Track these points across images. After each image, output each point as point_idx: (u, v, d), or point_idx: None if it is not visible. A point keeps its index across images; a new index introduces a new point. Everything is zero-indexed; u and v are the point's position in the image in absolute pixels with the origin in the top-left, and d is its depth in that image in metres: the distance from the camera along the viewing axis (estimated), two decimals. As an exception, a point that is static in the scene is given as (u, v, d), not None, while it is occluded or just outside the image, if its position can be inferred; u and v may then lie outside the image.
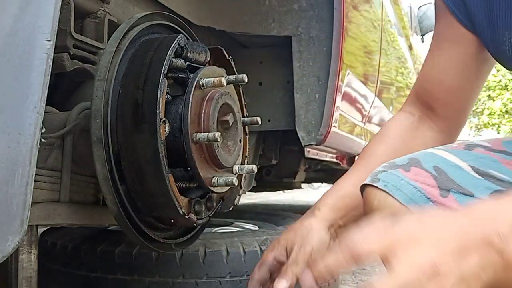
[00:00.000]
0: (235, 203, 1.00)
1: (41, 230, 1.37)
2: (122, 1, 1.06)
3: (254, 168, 0.91)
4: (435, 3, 0.88)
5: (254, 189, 3.46)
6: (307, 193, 7.62)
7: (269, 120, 1.60)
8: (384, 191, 0.72)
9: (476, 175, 0.70)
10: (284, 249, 0.81)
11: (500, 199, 0.52)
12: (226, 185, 0.85)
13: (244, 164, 0.97)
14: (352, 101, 1.78)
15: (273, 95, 1.58)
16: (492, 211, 0.49)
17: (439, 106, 0.90)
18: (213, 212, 0.92)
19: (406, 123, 0.93)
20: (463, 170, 0.70)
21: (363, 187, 0.76)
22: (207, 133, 0.78)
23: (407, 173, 0.72)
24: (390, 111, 2.68)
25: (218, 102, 0.83)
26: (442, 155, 0.73)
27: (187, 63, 0.83)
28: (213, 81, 0.81)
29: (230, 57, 0.96)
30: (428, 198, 0.70)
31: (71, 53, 0.87)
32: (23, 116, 0.44)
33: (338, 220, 0.87)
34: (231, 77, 0.88)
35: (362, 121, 2.06)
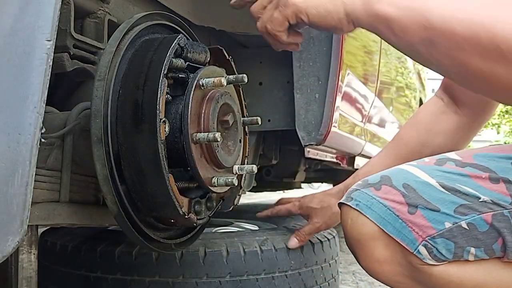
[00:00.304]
0: (235, 203, 1.00)
1: (41, 230, 1.37)
2: (122, 1, 1.06)
3: (254, 168, 0.91)
4: None
5: (254, 189, 3.46)
6: (307, 193, 7.61)
7: (269, 120, 1.59)
8: (357, 210, 0.77)
9: (443, 190, 0.73)
10: (308, 213, 1.21)
11: None
12: (226, 185, 0.85)
13: (244, 164, 0.97)
14: (352, 101, 1.78)
15: (273, 95, 1.58)
16: None
17: (460, 93, 0.98)
18: (213, 212, 0.92)
19: (433, 108, 1.04)
20: (431, 186, 0.74)
21: (340, 205, 0.82)
22: (207, 133, 0.78)
23: (377, 191, 0.77)
24: (390, 111, 2.68)
25: (218, 102, 0.83)
26: (413, 172, 0.76)
27: (187, 63, 0.83)
28: (213, 81, 0.81)
29: (230, 57, 0.96)
30: (397, 216, 0.74)
31: (71, 53, 0.87)
32: (23, 116, 0.44)
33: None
34: (231, 77, 0.88)
35: (362, 121, 2.06)
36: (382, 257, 0.77)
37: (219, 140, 0.77)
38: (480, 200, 0.72)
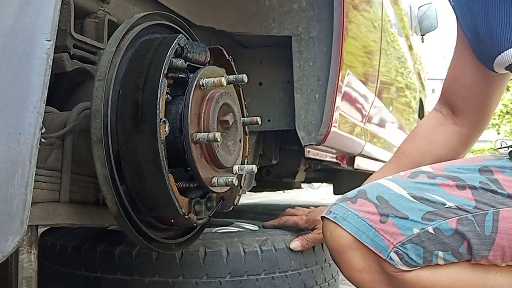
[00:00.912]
0: (235, 203, 1.00)
1: (41, 230, 1.37)
2: (122, 1, 1.06)
3: (254, 168, 0.91)
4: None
5: (254, 189, 3.46)
6: (307, 193, 7.62)
7: (269, 120, 1.60)
8: (334, 222, 0.84)
9: (412, 199, 0.79)
10: (313, 224, 1.21)
11: None
12: (226, 185, 0.85)
13: (244, 164, 0.97)
14: (352, 101, 1.78)
15: (273, 95, 1.58)
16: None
17: (459, 102, 1.01)
18: (213, 212, 0.92)
19: (433, 121, 1.06)
20: (402, 197, 0.80)
21: (322, 218, 0.89)
22: (207, 133, 0.78)
23: (353, 204, 0.83)
24: (390, 111, 2.68)
25: (218, 102, 0.83)
26: (387, 185, 0.83)
27: (187, 63, 0.83)
28: (213, 81, 0.81)
29: (230, 57, 0.96)
30: (370, 225, 0.80)
31: (71, 53, 0.87)
32: (23, 116, 0.44)
33: None
34: (231, 77, 0.88)
35: (362, 121, 2.06)
36: (361, 266, 0.82)
37: (219, 140, 0.77)
38: (445, 206, 0.77)
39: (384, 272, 0.81)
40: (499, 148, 0.86)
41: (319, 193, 7.40)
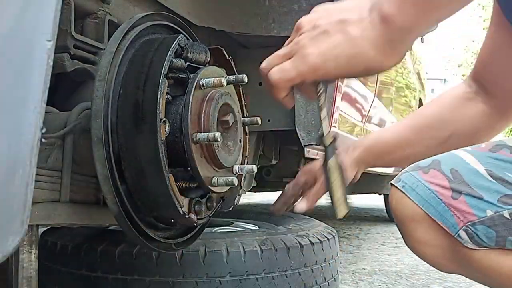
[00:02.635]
0: (235, 203, 1.00)
1: (41, 230, 1.37)
2: (122, 1, 1.06)
3: (254, 168, 0.91)
4: None
5: (254, 189, 3.45)
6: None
7: (269, 120, 1.60)
8: (402, 191, 0.78)
9: (490, 178, 0.73)
10: (313, 177, 0.99)
11: None
12: (226, 185, 0.85)
13: (244, 164, 0.97)
14: (351, 101, 1.78)
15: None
16: None
17: (491, 84, 0.94)
18: (213, 212, 0.92)
19: (460, 92, 0.97)
20: (479, 173, 0.74)
21: (390, 185, 0.83)
22: (207, 133, 0.78)
23: (425, 175, 0.78)
24: (390, 111, 2.68)
25: (218, 102, 0.83)
26: (464, 158, 0.77)
27: (187, 63, 0.83)
28: (213, 81, 0.81)
29: (230, 57, 0.96)
30: (440, 199, 0.75)
31: (72, 53, 0.87)
32: (24, 116, 0.44)
33: (369, 160, 0.99)
34: (231, 77, 0.88)
35: (362, 121, 2.06)
36: (423, 239, 0.79)
37: (219, 140, 0.77)
38: None
39: (449, 247, 0.77)
40: None
41: (319, 193, 7.37)
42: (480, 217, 0.72)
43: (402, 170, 0.83)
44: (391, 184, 0.83)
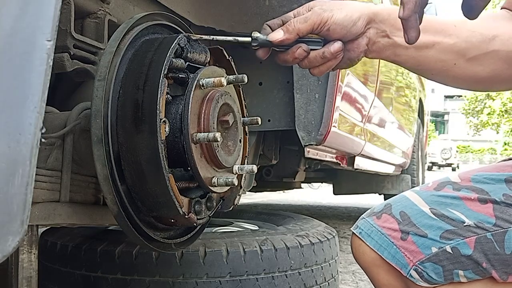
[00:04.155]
0: (235, 203, 1.00)
1: (41, 230, 1.37)
2: (122, 1, 1.06)
3: (254, 168, 0.91)
4: None
5: (254, 189, 3.46)
6: (307, 193, 7.62)
7: (269, 120, 1.60)
8: (359, 238, 0.83)
9: (433, 216, 0.78)
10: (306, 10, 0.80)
11: None
12: (226, 185, 0.85)
13: (244, 164, 0.97)
14: (352, 101, 1.78)
15: (273, 95, 1.58)
16: None
17: None
18: (213, 212, 0.92)
19: (499, 14, 0.85)
20: (423, 213, 0.79)
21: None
22: (207, 133, 0.78)
23: (378, 220, 0.83)
24: (390, 111, 2.68)
25: (218, 102, 0.83)
26: (412, 199, 0.82)
27: (187, 63, 0.83)
28: (213, 81, 0.81)
29: (230, 57, 0.96)
30: (392, 242, 0.80)
31: (71, 53, 0.87)
32: (23, 116, 0.44)
33: (382, 26, 0.80)
34: (231, 77, 0.88)
35: (362, 121, 2.06)
36: (387, 281, 0.82)
37: (219, 140, 0.77)
38: (464, 225, 0.75)
39: (408, 287, 0.81)
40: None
41: (319, 193, 7.40)
42: (426, 255, 0.76)
43: (402, 170, 0.84)
44: (351, 230, 0.87)
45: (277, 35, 0.79)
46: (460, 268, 0.75)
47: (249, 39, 0.79)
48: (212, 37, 0.82)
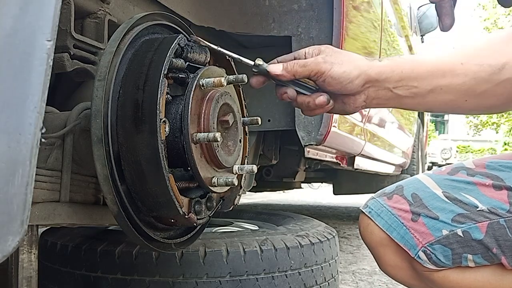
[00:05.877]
0: (235, 203, 1.00)
1: (41, 230, 1.37)
2: (122, 1, 1.06)
3: (254, 168, 0.91)
4: None
5: (254, 189, 3.46)
6: (307, 193, 7.62)
7: (269, 120, 1.60)
8: (368, 217, 0.84)
9: (446, 199, 0.78)
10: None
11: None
12: (226, 185, 0.85)
13: (244, 164, 0.97)
14: (352, 101, 1.78)
15: (273, 95, 1.58)
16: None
17: None
18: (213, 212, 0.92)
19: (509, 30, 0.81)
20: (436, 196, 0.79)
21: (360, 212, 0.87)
22: (207, 133, 0.78)
23: (389, 200, 0.83)
24: (390, 111, 2.68)
25: (218, 102, 0.83)
26: (424, 182, 0.82)
27: (187, 63, 0.83)
28: (213, 81, 0.81)
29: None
30: (402, 223, 0.80)
31: (71, 53, 0.87)
32: (23, 116, 0.44)
33: (384, 84, 0.78)
34: (231, 77, 0.88)
35: (362, 121, 2.06)
36: (393, 262, 0.83)
37: (219, 140, 0.77)
38: (478, 209, 0.75)
39: (413, 269, 0.81)
40: None
41: (319, 193, 7.41)
42: (436, 237, 0.77)
43: (402, 170, 0.85)
44: (360, 209, 0.87)
45: (276, 69, 0.81)
46: (469, 252, 0.75)
47: (252, 62, 0.82)
48: (219, 48, 0.85)
